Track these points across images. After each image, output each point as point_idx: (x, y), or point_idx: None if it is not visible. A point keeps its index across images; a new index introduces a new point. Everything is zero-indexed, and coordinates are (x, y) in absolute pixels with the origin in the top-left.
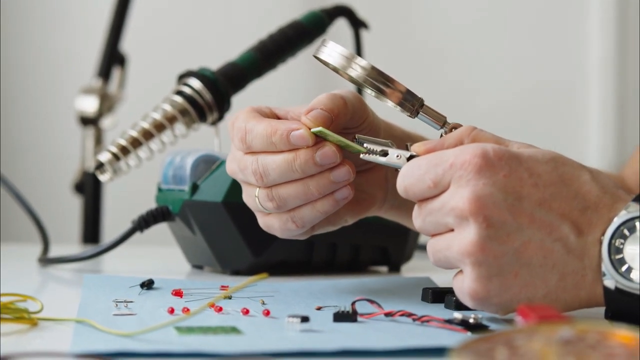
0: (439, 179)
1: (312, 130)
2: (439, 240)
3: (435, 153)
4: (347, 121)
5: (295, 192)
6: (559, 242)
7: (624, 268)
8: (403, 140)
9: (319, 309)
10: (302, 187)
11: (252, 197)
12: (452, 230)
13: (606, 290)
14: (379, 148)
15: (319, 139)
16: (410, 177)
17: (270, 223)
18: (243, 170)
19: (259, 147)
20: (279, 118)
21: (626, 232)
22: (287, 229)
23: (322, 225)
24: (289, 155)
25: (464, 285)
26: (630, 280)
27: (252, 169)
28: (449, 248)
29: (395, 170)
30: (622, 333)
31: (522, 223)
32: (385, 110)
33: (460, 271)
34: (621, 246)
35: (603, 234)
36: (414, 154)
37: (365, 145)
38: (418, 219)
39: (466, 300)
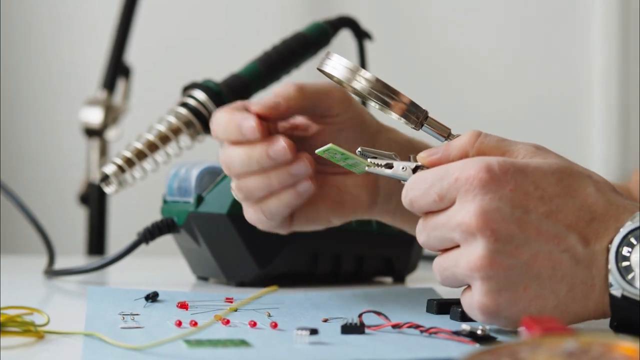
0: (445, 192)
1: (321, 148)
2: (446, 258)
3: (441, 167)
4: (306, 107)
5: (258, 183)
6: (567, 253)
7: (630, 276)
8: (397, 142)
9: (325, 321)
10: (265, 179)
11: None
12: (458, 246)
13: (612, 298)
14: (383, 161)
15: (273, 133)
16: (417, 190)
17: (248, 215)
18: (219, 162)
19: (221, 136)
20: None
21: (633, 240)
22: (259, 221)
23: (301, 222)
24: (249, 149)
25: (473, 300)
26: (636, 287)
27: (221, 160)
28: (457, 265)
29: (398, 182)
30: (626, 345)
31: (530, 236)
32: (388, 121)
33: (468, 287)
34: (628, 254)
35: (610, 243)
36: (420, 164)
37: (370, 159)
38: (422, 234)
39: (476, 315)
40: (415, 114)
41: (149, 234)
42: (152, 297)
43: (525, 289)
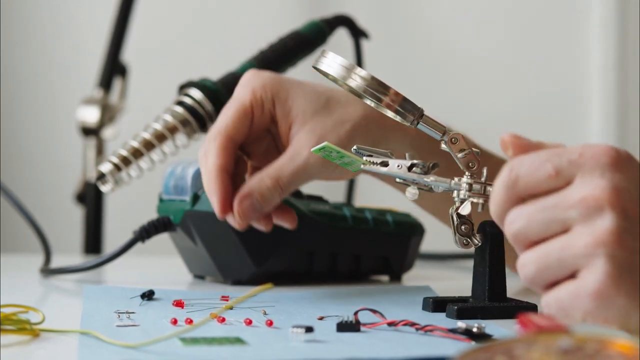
0: (563, 168)
1: (316, 147)
2: (551, 243)
3: (557, 148)
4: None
5: None
6: None
7: None
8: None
9: (321, 318)
10: None
11: None
12: (565, 231)
13: None
14: (379, 159)
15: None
16: (527, 165)
17: None
18: None
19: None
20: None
21: None
22: None
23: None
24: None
25: (586, 282)
26: None
27: None
28: (568, 246)
29: (395, 180)
30: (621, 342)
31: None
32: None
33: (568, 279)
34: None
35: None
36: (415, 162)
37: (365, 157)
38: (519, 221)
39: (582, 304)
40: (411, 112)
41: (145, 233)
42: (148, 296)
43: None
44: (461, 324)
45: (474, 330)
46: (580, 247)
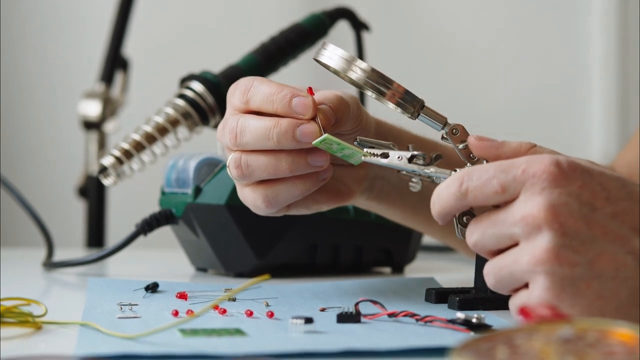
0: (509, 184)
1: (317, 139)
2: (503, 257)
3: (504, 161)
4: (345, 126)
5: (265, 163)
6: (631, 255)
7: None
8: (395, 137)
9: (322, 310)
10: (275, 160)
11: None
12: (516, 244)
13: None
14: (379, 151)
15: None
16: (476, 180)
17: (245, 195)
18: (223, 130)
19: (257, 103)
20: None
21: None
22: (255, 205)
23: (298, 207)
24: (270, 122)
25: (532, 296)
26: None
27: (230, 127)
28: (516, 261)
29: (397, 172)
30: (622, 331)
31: (596, 234)
32: (386, 109)
33: (523, 287)
34: None
35: None
36: (416, 153)
37: (366, 149)
38: (476, 233)
39: None
40: (412, 103)
41: (147, 226)
42: (152, 288)
43: (587, 288)
44: (460, 314)
45: (473, 320)
46: (524, 263)
